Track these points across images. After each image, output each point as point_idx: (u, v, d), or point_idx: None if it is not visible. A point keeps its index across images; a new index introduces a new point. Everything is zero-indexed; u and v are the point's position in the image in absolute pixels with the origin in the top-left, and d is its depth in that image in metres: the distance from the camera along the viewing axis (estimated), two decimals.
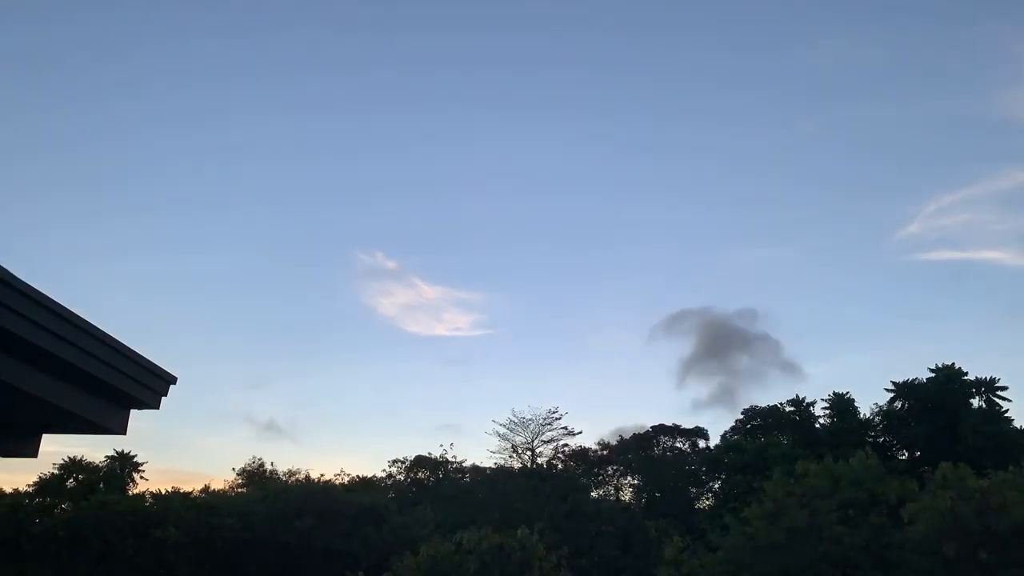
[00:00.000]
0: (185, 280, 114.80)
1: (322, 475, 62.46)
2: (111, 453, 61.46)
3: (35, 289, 4.67)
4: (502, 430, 76.08)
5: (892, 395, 63.77)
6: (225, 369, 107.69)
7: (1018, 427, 59.67)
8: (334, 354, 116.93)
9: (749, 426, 70.77)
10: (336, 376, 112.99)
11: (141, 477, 63.72)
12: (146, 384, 5.90)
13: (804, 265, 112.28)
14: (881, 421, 64.71)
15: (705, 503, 70.24)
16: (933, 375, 61.62)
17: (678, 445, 78.43)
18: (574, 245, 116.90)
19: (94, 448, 62.11)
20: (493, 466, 74.48)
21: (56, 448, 55.69)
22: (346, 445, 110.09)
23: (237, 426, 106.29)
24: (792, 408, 68.87)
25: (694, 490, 73.14)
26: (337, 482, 63.28)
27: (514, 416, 75.88)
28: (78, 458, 57.89)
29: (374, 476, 72.24)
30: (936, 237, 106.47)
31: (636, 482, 77.38)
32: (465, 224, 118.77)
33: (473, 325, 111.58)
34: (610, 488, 77.35)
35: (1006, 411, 60.39)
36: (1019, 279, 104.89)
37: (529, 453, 76.14)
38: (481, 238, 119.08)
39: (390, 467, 74.72)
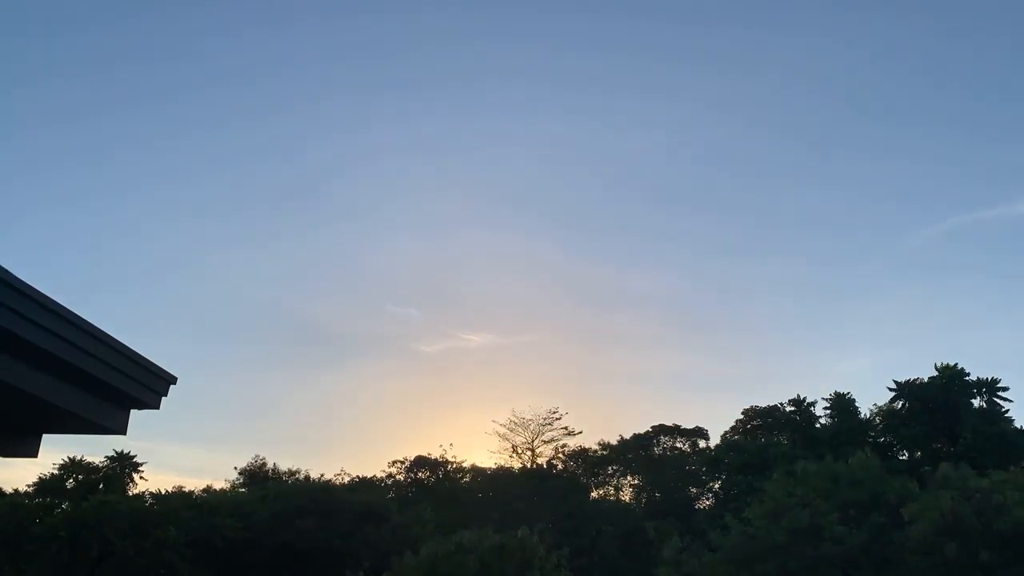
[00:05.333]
0: (199, 290, 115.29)
1: (322, 475, 62.52)
2: (111, 453, 61.48)
3: (35, 289, 4.66)
4: (502, 430, 76.25)
5: (893, 395, 63.79)
6: (226, 372, 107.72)
7: (1018, 427, 59.69)
8: (336, 357, 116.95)
9: (749, 426, 70.76)
10: (338, 379, 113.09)
11: (140, 477, 63.75)
12: (146, 384, 5.89)
13: (804, 264, 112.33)
14: (881, 421, 64.69)
15: (705, 503, 70.24)
16: (934, 375, 61.63)
17: (678, 445, 78.41)
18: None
19: (94, 448, 62.01)
20: (493, 466, 74.61)
21: (56, 448, 55.61)
22: (346, 445, 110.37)
23: (238, 427, 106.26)
24: (792, 408, 68.86)
25: (694, 490, 73.13)
26: (337, 482, 63.33)
27: (514, 416, 76.09)
28: (78, 458, 57.88)
29: (374, 476, 72.27)
30: (941, 243, 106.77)
31: (636, 482, 77.38)
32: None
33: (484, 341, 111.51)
34: (610, 488, 77.36)
35: (1007, 411, 60.44)
36: (1019, 281, 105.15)
37: (529, 453, 76.28)
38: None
39: (390, 467, 74.71)
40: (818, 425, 66.97)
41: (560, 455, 76.01)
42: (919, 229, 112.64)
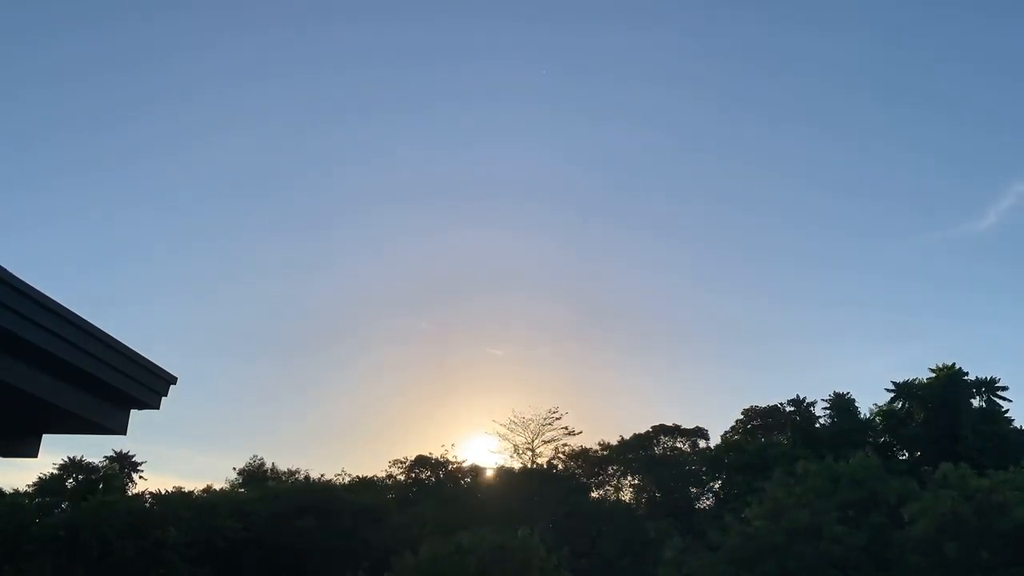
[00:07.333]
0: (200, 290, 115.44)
1: (322, 475, 62.45)
2: (111, 453, 61.50)
3: (35, 289, 4.65)
4: (502, 430, 76.16)
5: (892, 395, 63.76)
6: (227, 372, 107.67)
7: (1018, 427, 59.68)
8: (336, 356, 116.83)
9: (749, 426, 70.73)
10: (338, 379, 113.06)
11: (140, 477, 63.77)
12: (146, 384, 5.88)
13: (805, 264, 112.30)
14: (881, 421, 64.65)
15: (705, 503, 70.17)
16: (933, 375, 61.57)
17: (678, 445, 78.26)
18: None
19: (94, 448, 61.98)
20: (493, 466, 74.53)
21: (56, 448, 55.57)
22: (346, 445, 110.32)
23: (238, 427, 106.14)
24: (792, 408, 68.80)
25: (694, 490, 73.02)
26: (337, 482, 63.23)
27: (514, 416, 75.98)
28: (78, 458, 57.86)
29: (374, 476, 72.12)
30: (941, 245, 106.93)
31: (636, 482, 77.24)
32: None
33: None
34: (610, 488, 77.21)
35: (1006, 411, 60.44)
36: (1018, 281, 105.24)
37: (529, 453, 76.19)
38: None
39: (390, 467, 74.52)
40: (818, 425, 66.91)
41: (560, 455, 75.89)
42: (919, 231, 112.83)
